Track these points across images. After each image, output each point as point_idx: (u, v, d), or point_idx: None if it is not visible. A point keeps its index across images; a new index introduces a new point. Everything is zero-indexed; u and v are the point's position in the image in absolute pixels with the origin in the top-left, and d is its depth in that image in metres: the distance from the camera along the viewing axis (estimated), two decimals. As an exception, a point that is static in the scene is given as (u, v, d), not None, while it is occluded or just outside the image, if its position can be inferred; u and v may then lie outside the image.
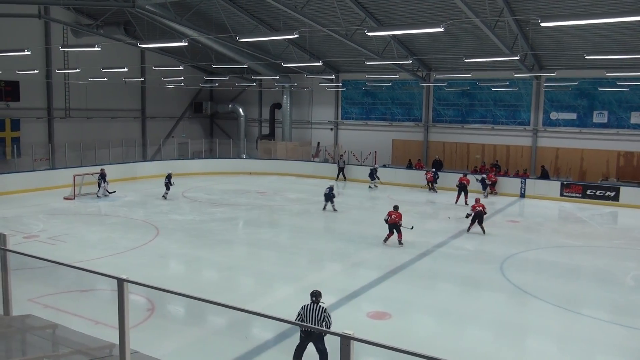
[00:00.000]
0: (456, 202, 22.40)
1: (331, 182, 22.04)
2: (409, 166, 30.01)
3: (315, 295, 7.56)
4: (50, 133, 29.10)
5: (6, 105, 26.85)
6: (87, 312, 9.57)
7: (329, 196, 20.29)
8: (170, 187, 22.32)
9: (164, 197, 22.18)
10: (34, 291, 10.46)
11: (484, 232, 16.76)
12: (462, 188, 22.43)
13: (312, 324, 7.25)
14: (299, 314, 7.45)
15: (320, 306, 7.48)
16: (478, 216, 16.69)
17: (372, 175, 27.03)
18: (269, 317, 4.06)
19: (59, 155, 26.84)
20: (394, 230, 15.03)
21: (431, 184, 25.96)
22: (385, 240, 15.14)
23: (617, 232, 19.40)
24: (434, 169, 27.13)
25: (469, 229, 16.98)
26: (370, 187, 26.89)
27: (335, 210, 20.30)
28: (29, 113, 27.92)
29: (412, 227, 15.38)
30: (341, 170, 29.39)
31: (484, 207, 16.87)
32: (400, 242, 15.08)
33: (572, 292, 12.09)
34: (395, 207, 15.34)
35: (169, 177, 22.37)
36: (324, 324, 7.34)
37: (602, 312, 10.78)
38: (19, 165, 25.28)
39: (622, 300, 11.57)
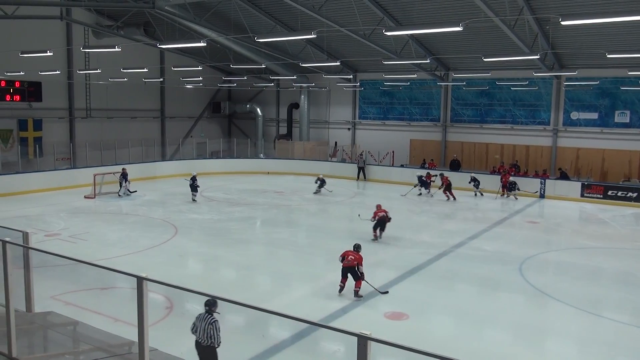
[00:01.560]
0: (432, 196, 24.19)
1: (320, 175, 24.54)
2: (422, 166, 29.82)
3: (209, 305, 6.59)
4: (71, 133, 29.55)
5: (29, 105, 27.32)
6: (107, 310, 9.69)
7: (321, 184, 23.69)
8: (197, 188, 21.80)
9: (194, 200, 21.64)
10: (56, 288, 10.63)
11: (377, 237, 15.55)
12: (423, 184, 24.11)
13: (201, 334, 6.53)
14: (193, 323, 6.67)
15: (211, 317, 6.57)
16: (380, 223, 15.47)
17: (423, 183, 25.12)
18: (287, 317, 4.08)
19: (79, 154, 27.23)
20: (350, 276, 10.93)
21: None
22: (340, 290, 10.98)
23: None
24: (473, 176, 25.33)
25: (374, 236, 15.61)
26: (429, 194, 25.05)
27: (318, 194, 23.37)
28: (50, 113, 28.38)
29: (387, 292, 11.24)
30: (361, 169, 29.35)
31: (386, 213, 15.53)
32: (356, 294, 10.83)
33: (593, 294, 11.91)
34: (356, 247, 11.28)
35: (193, 178, 21.86)
36: (211, 340, 6.52)
37: (623, 315, 10.62)
38: (41, 164, 25.67)
39: (645, 303, 11.38)
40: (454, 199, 23.36)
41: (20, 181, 22.62)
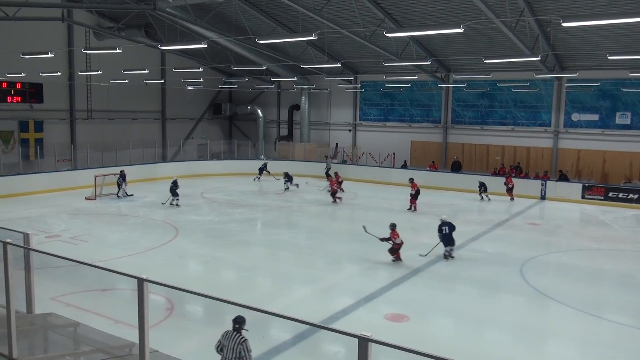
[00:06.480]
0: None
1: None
2: (404, 166, 29.94)
3: (239, 322, 6.34)
4: (72, 134, 29.56)
5: (30, 107, 27.34)
6: (108, 311, 9.69)
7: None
8: (177, 191, 20.98)
9: (171, 203, 20.86)
10: (56, 290, 10.64)
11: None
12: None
13: (230, 354, 6.14)
14: (219, 342, 6.32)
15: (241, 336, 6.25)
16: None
17: (289, 177, 26.27)
18: (287, 318, 4.07)
19: (80, 156, 27.26)
20: None
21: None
22: None
23: (641, 235, 19.05)
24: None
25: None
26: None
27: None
28: (51, 114, 28.40)
29: None
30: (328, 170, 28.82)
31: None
32: None
33: (594, 296, 11.90)
34: None
35: (174, 182, 21.18)
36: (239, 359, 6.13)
37: (624, 317, 10.59)
38: (42, 165, 25.70)
39: (646, 305, 11.36)
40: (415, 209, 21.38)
41: (21, 182, 22.64)
